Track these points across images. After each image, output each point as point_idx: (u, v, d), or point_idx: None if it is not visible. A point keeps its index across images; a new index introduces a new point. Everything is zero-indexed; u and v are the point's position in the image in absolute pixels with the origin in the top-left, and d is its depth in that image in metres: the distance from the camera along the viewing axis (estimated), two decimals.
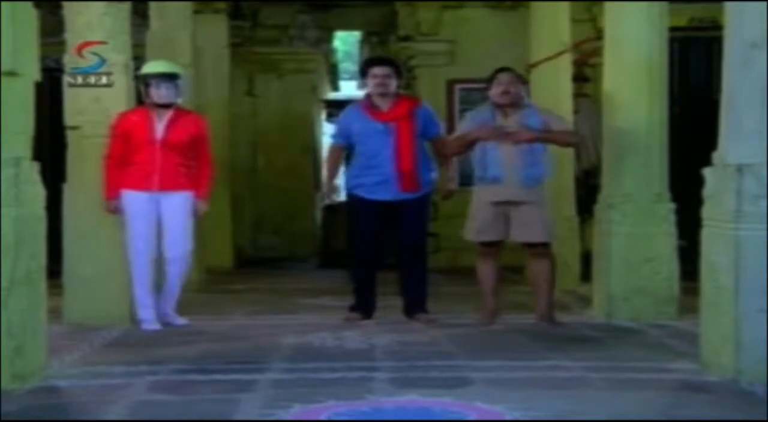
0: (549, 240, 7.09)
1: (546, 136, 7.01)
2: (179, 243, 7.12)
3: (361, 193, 7.25)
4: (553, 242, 7.19)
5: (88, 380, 5.14)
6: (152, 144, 6.99)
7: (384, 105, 7.22)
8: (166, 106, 7.05)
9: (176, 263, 7.14)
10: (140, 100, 7.19)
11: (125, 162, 6.98)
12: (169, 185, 7.05)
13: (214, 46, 12.00)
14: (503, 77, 7.07)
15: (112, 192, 6.96)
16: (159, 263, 7.12)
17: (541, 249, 7.11)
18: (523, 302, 8.16)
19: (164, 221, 7.09)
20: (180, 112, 7.15)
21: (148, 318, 7.01)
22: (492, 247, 7.13)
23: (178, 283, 7.19)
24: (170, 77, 7.10)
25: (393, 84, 7.23)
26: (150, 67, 7.17)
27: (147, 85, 7.04)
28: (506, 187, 6.94)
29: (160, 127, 7.04)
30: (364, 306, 7.32)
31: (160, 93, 7.02)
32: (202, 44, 11.00)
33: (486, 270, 7.16)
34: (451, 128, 12.51)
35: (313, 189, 14.15)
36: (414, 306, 7.27)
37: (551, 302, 7.12)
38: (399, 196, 7.17)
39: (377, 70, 7.23)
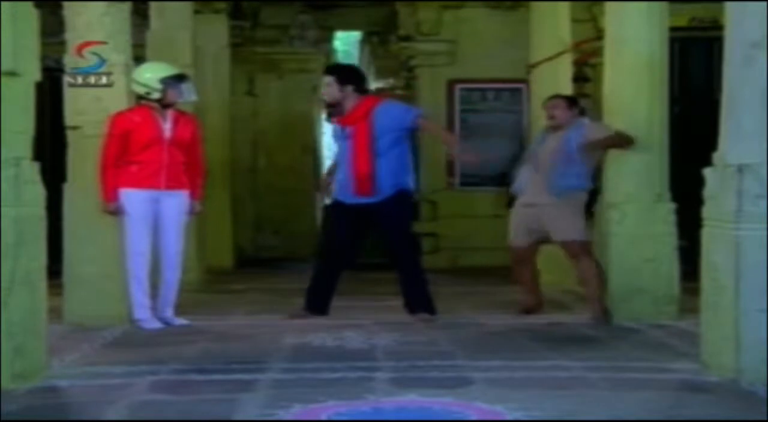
0: (567, 238, 7.32)
1: (593, 146, 7.26)
2: (178, 242, 7.15)
3: (334, 194, 7.43)
4: (580, 239, 7.30)
5: (89, 380, 5.14)
6: (161, 143, 7.01)
7: (348, 104, 7.27)
8: (167, 106, 7.07)
9: (176, 263, 7.16)
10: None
11: (125, 161, 6.96)
12: (173, 184, 7.09)
13: (214, 46, 12.00)
14: (548, 102, 7.65)
15: (112, 193, 6.95)
16: (154, 263, 7.12)
17: (570, 248, 7.35)
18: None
19: (163, 220, 7.08)
20: (178, 112, 7.18)
21: (147, 317, 7.00)
22: (522, 253, 7.59)
23: (177, 283, 7.20)
24: (184, 78, 7.21)
25: (333, 91, 7.24)
26: (165, 70, 7.16)
27: (166, 87, 7.04)
28: (532, 194, 7.43)
29: (167, 126, 7.06)
30: (314, 302, 7.33)
31: (176, 93, 7.07)
32: (203, 44, 10.99)
33: (519, 271, 7.69)
34: (450, 128, 12.62)
35: (313, 189, 14.14)
36: (415, 304, 7.27)
37: (599, 300, 7.20)
38: (355, 199, 7.19)
39: (322, 80, 7.42)
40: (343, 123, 7.28)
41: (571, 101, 7.68)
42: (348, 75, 7.38)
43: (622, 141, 7.19)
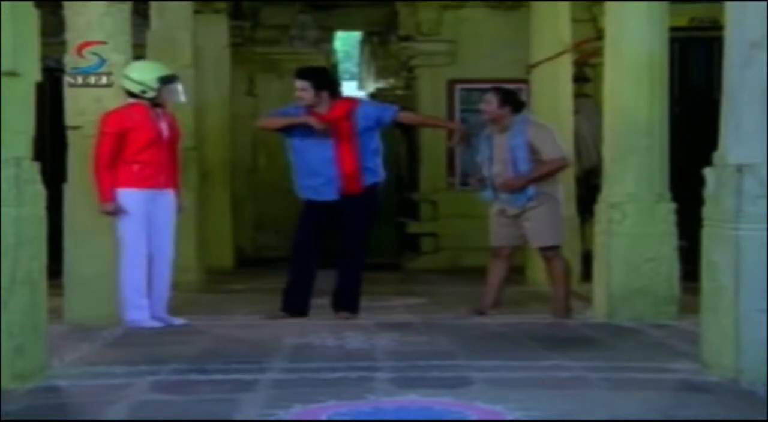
0: (544, 244, 7.38)
1: (530, 178, 7.23)
2: (171, 241, 7.15)
3: (310, 195, 7.41)
4: (555, 244, 7.39)
5: (89, 380, 5.14)
6: (160, 142, 7.02)
7: (322, 108, 7.30)
8: (157, 105, 7.06)
9: (168, 262, 7.15)
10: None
11: (124, 161, 6.93)
12: (168, 183, 7.11)
13: (214, 46, 12.00)
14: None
15: (109, 193, 6.92)
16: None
17: (545, 252, 7.42)
18: (524, 301, 8.18)
19: (159, 219, 7.06)
20: (164, 111, 7.18)
21: (143, 317, 6.96)
22: (500, 250, 7.50)
23: (169, 282, 7.19)
24: (176, 79, 7.25)
25: (308, 96, 7.29)
26: (160, 70, 7.17)
27: (164, 86, 7.05)
28: (501, 201, 7.40)
29: (164, 126, 7.07)
30: (293, 304, 7.38)
31: (169, 94, 7.11)
32: (203, 44, 11.00)
33: (493, 267, 7.51)
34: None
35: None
36: (342, 303, 7.37)
37: (564, 300, 7.35)
38: (337, 197, 7.31)
39: (295, 83, 7.41)
40: (323, 120, 7.26)
41: (506, 96, 7.42)
42: (324, 80, 7.45)
43: (558, 169, 7.35)
